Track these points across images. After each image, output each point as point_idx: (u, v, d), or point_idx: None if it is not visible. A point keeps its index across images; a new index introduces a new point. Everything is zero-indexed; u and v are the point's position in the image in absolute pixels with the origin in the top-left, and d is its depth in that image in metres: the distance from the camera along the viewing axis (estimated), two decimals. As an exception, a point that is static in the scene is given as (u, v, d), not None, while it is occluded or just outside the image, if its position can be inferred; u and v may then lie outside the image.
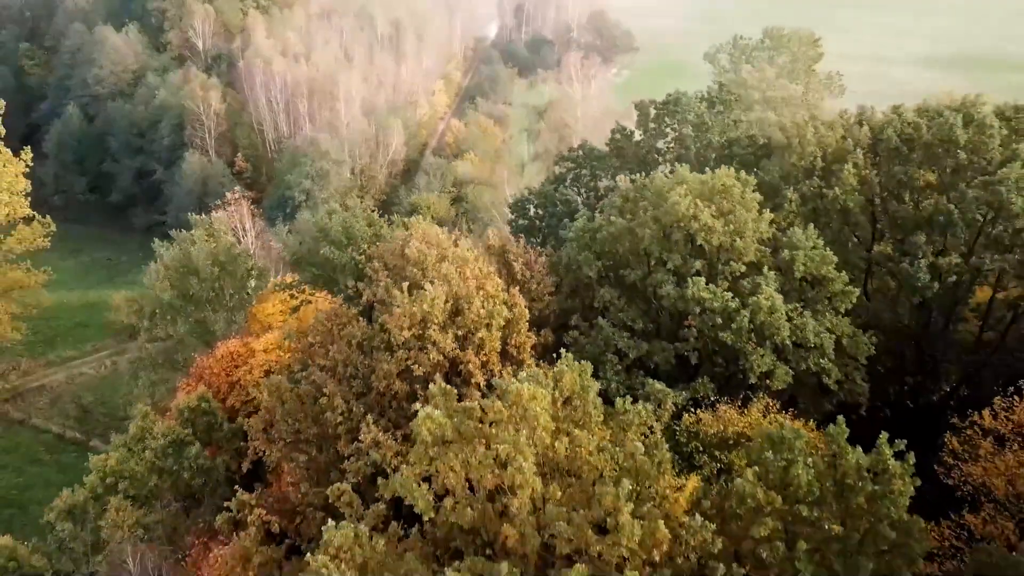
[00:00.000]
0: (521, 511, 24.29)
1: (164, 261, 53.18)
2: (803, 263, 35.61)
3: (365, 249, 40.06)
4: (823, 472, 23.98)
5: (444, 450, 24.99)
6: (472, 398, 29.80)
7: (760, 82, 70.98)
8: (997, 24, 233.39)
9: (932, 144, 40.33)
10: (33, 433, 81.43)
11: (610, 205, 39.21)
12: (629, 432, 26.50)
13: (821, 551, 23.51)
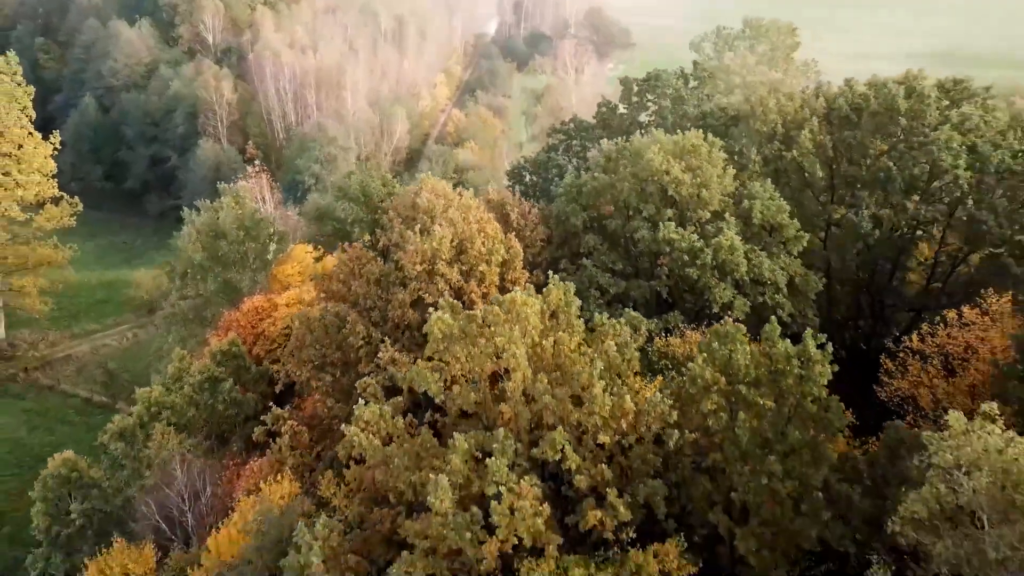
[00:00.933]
0: (515, 392, 29.92)
1: (195, 225, 58.70)
2: (760, 211, 41.22)
3: (379, 204, 45.65)
4: (759, 360, 29.59)
5: (451, 345, 30.59)
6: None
7: (741, 68, 76.58)
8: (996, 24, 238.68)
9: (878, 112, 45.94)
10: (62, 398, 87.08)
11: (594, 164, 44.85)
12: (605, 340, 32.04)
13: (757, 422, 29.10)
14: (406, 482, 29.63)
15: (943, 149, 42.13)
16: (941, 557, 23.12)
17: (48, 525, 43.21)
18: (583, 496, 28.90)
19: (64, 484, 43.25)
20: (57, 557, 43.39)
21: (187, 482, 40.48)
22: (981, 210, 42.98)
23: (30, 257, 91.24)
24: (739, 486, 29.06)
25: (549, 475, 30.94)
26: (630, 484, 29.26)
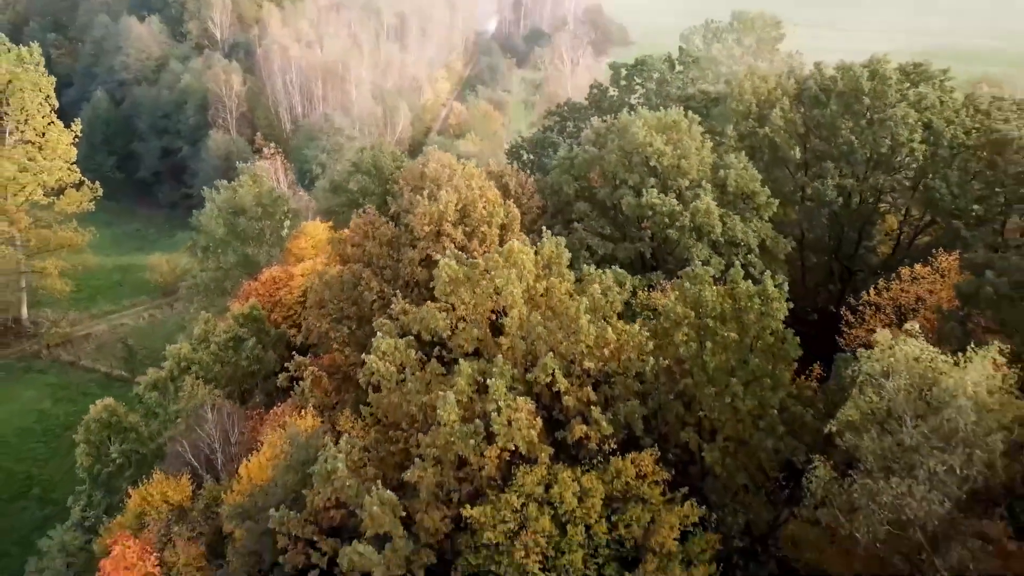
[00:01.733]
0: (512, 327, 34.43)
1: (217, 202, 63.22)
2: (735, 180, 45.71)
3: (390, 176, 50.14)
4: (725, 298, 34.07)
5: (457, 288, 35.09)
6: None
7: (727, 59, 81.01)
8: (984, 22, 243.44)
9: (845, 92, 50.44)
10: (83, 372, 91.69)
11: (586, 140, 49.35)
12: (592, 285, 36.53)
13: (722, 351, 33.58)
14: (418, 404, 34.14)
15: (900, 124, 46.67)
16: (868, 450, 27.60)
17: (90, 464, 47.72)
18: (571, 415, 33.41)
19: (105, 428, 47.75)
20: (98, 494, 47.90)
21: (217, 424, 44.94)
22: (935, 180, 47.50)
23: (52, 240, 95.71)
24: (706, 407, 33.59)
25: (542, 406, 35.42)
26: (612, 406, 33.76)
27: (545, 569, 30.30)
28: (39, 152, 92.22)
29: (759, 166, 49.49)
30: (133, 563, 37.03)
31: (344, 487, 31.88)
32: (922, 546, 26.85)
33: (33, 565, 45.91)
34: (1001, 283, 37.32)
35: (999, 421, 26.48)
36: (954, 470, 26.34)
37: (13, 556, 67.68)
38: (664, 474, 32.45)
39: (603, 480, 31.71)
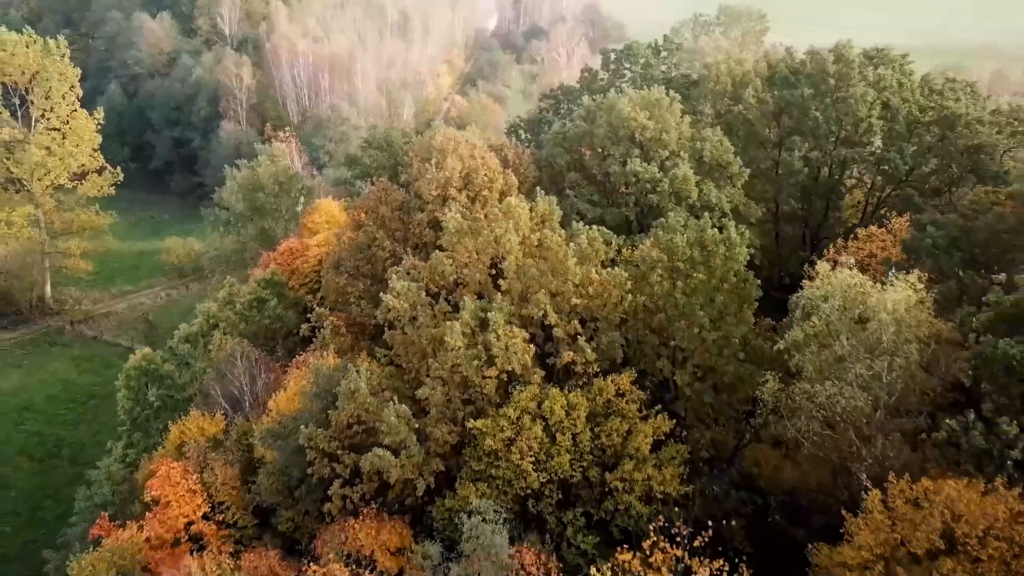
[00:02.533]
0: (509, 270, 39.68)
1: (238, 179, 68.46)
2: (710, 151, 50.94)
3: (399, 151, 55.37)
4: (694, 243, 39.31)
5: (462, 238, 40.34)
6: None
7: (714, 50, 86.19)
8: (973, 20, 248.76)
9: (812, 74, 55.71)
10: (105, 346, 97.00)
11: (577, 116, 54.59)
12: (579, 236, 41.75)
13: (692, 290, 38.81)
14: (427, 337, 39.37)
15: (859, 102, 51.93)
16: (808, 362, 32.87)
17: (130, 408, 52.94)
18: (560, 345, 38.64)
19: (143, 375, 52.97)
20: (137, 435, 53.11)
21: (245, 370, 50.21)
22: (892, 153, 52.77)
23: (74, 222, 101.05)
24: (678, 339, 38.85)
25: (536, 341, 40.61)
26: (595, 338, 39.00)
27: (537, 470, 35.53)
28: (64, 139, 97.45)
29: (735, 142, 54.72)
30: (177, 481, 42.20)
31: (365, 402, 37.13)
32: (852, 441, 32.09)
33: (82, 494, 50.95)
34: (939, 236, 42.61)
35: (915, 334, 31.72)
36: (879, 376, 31.59)
37: (47, 509, 73.12)
38: (640, 394, 37.68)
39: (587, 397, 36.95)
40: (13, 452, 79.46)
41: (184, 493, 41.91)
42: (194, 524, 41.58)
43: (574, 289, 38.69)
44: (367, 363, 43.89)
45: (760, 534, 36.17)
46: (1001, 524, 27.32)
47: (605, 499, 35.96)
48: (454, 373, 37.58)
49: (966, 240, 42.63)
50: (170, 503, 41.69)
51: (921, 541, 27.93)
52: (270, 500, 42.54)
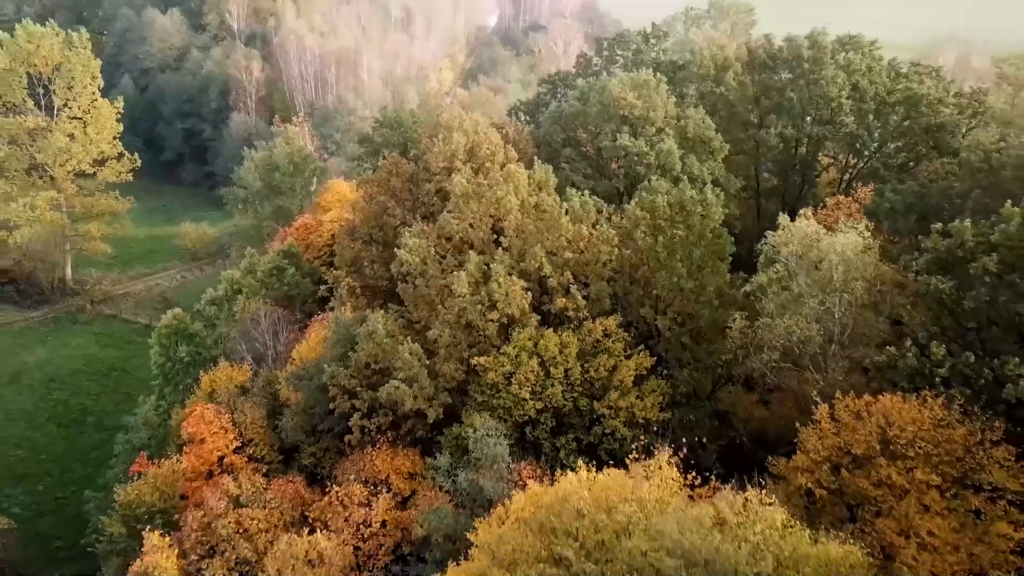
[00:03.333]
0: (509, 228, 44.49)
1: (255, 160, 73.28)
2: (693, 128, 55.74)
3: (408, 129, 60.16)
4: (674, 203, 44.10)
5: (467, 200, 45.14)
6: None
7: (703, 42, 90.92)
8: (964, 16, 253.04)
9: (789, 59, 60.50)
10: (125, 324, 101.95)
11: (572, 97, 59.40)
12: (572, 199, 46.55)
13: (672, 245, 43.58)
14: (436, 288, 44.17)
15: (830, 84, 56.73)
16: (770, 300, 37.66)
17: (163, 363, 57.76)
18: (554, 293, 43.45)
19: (174, 334, 57.79)
20: (168, 389, 57.93)
21: (269, 326, 55.05)
22: (860, 130, 57.58)
23: (94, 206, 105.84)
24: (659, 288, 43.66)
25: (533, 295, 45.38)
26: (585, 287, 43.82)
27: (533, 399, 40.33)
28: (85, 127, 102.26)
29: (717, 122, 59.47)
30: (210, 420, 46.97)
31: (382, 342, 41.96)
32: (807, 369, 36.90)
33: (120, 439, 55.75)
34: (897, 201, 47.45)
35: (862, 275, 36.53)
36: (831, 311, 36.40)
37: (75, 470, 78.00)
38: (624, 335, 42.48)
39: (578, 337, 41.76)
40: (42, 419, 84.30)
41: (217, 430, 46.69)
42: (226, 457, 46.33)
43: (567, 244, 43.53)
44: (382, 314, 48.70)
45: (731, 458, 40.92)
46: (927, 428, 32.10)
47: (594, 426, 40.74)
48: (460, 317, 42.39)
49: (920, 204, 47.42)
50: (204, 439, 46.46)
51: (861, 445, 32.70)
52: (294, 438, 47.39)
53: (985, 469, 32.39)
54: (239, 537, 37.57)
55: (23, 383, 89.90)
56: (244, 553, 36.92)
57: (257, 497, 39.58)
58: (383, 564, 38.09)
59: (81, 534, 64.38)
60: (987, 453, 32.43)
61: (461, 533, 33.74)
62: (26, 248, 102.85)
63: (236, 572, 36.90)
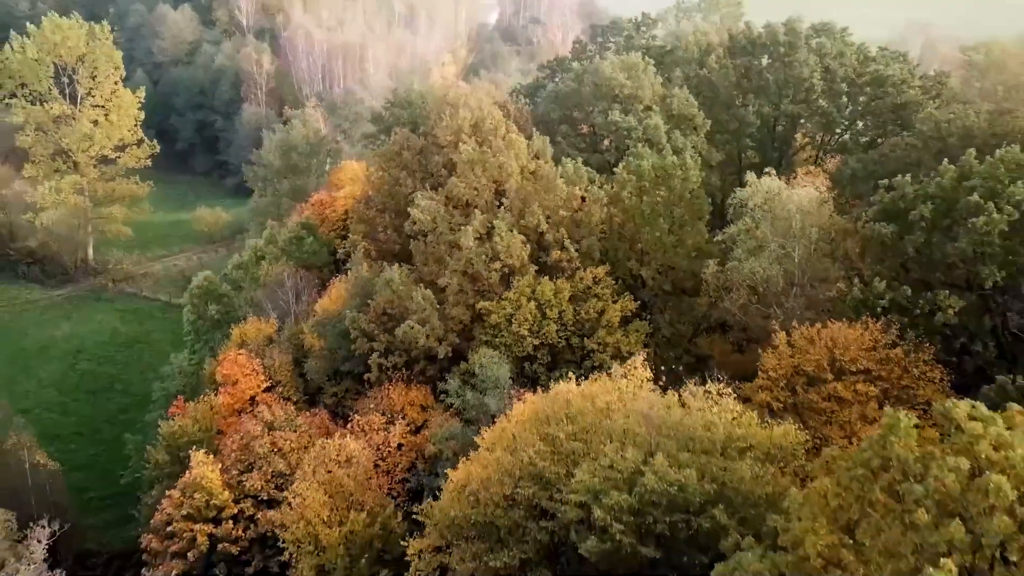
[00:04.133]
0: (510, 190, 49.98)
1: (274, 141, 78.74)
2: (678, 106, 61.21)
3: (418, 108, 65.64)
4: (657, 168, 49.56)
5: (472, 165, 50.62)
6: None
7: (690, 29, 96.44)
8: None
9: (767, 44, 65.99)
10: (146, 302, 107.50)
11: (568, 78, 64.88)
12: (565, 164, 52.03)
13: (657, 204, 49.04)
14: (445, 243, 49.65)
15: (802, 65, 62.21)
16: (738, 246, 43.10)
17: (194, 320, 63.26)
18: (550, 247, 48.96)
19: (205, 294, 63.28)
20: (199, 345, 63.43)
21: (292, 286, 60.52)
22: (831, 107, 63.07)
23: (116, 190, 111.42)
24: (643, 243, 49.15)
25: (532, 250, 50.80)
26: (578, 241, 49.30)
27: (531, 336, 45.81)
28: (107, 114, 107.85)
29: (701, 102, 64.94)
30: (243, 364, 52.48)
31: (398, 289, 47.47)
32: (771, 305, 42.38)
33: (157, 387, 61.25)
34: (858, 168, 52.81)
35: (817, 223, 42.02)
36: (790, 254, 41.89)
37: (105, 431, 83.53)
38: (611, 282, 47.97)
39: (571, 284, 47.26)
40: (71, 386, 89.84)
41: (248, 373, 52.20)
42: (256, 397, 51.81)
43: (562, 204, 49.04)
44: (398, 266, 54.19)
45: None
46: (868, 348, 37.60)
47: (584, 360, 46.20)
48: (467, 268, 47.91)
49: (879, 171, 52.64)
50: (237, 381, 51.96)
51: (812, 364, 38.17)
52: (318, 380, 52.92)
53: (919, 385, 37.92)
54: (274, 454, 43.03)
55: (51, 354, 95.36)
56: (279, 467, 42.38)
57: (288, 423, 45.06)
58: (400, 479, 43.52)
59: (112, 487, 70.19)
60: (920, 371, 37.96)
61: (469, 447, 39.18)
62: (51, 229, 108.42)
63: (272, 483, 42.34)
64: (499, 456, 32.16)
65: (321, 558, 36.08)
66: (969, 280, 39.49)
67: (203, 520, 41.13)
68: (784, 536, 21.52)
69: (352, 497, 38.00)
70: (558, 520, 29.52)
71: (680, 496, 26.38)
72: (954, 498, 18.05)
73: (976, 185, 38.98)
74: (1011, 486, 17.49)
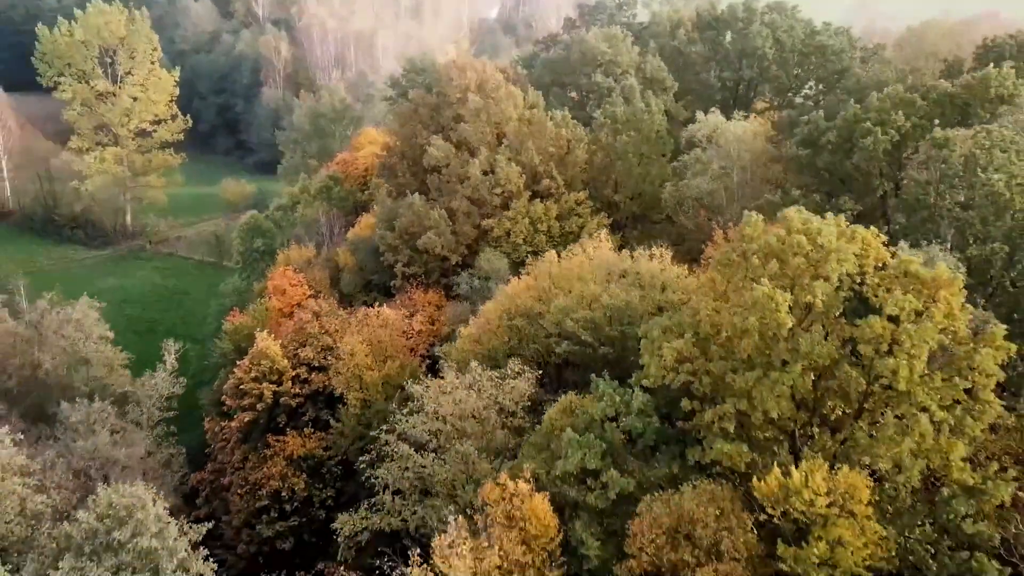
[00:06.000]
0: (509, 133, 61.49)
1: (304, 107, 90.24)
2: (650, 70, 72.68)
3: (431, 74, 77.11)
4: (628, 114, 60.93)
5: (478, 113, 62.13)
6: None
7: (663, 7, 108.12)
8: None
9: (728, 20, 77.46)
10: (181, 260, 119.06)
11: (558, 48, 76.44)
12: (553, 112, 63.54)
13: (628, 143, 60.47)
14: (456, 175, 61.11)
15: (755, 37, 73.74)
16: (689, 169, 54.59)
17: (243, 251, 74.74)
18: (542, 177, 60.45)
19: (251, 229, 74.78)
20: (245, 273, 74.94)
21: (326, 222, 72.05)
22: (780, 72, 74.57)
23: (152, 161, 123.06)
24: (617, 174, 60.62)
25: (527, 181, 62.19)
26: (564, 172, 60.79)
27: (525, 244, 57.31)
28: (146, 91, 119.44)
29: (672, 69, 76.39)
30: (290, 277, 63.94)
31: (419, 210, 58.94)
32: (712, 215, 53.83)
33: (214, 304, 72.70)
34: (794, 115, 64.33)
35: (750, 148, 53.48)
36: (728, 173, 53.33)
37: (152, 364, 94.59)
38: (591, 204, 59.44)
39: (557, 205, 58.73)
40: (120, 328, 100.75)
41: (295, 284, 63.68)
42: (301, 302, 63.26)
43: (551, 143, 60.54)
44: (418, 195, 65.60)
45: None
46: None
47: (568, 264, 57.62)
48: (473, 193, 59.37)
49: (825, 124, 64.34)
50: (285, 290, 63.44)
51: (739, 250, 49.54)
52: (351, 291, 64.36)
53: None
54: (322, 333, 54.48)
55: (101, 301, 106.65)
56: (326, 342, 53.78)
57: (332, 312, 56.51)
58: (420, 354, 54.95)
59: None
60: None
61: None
62: (94, 196, 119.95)
63: (321, 355, 53.77)
64: (497, 308, 43.63)
65: (364, 394, 47.48)
66: (866, 188, 50.97)
67: (267, 381, 52.54)
68: (685, 308, 32.86)
69: (387, 351, 49.39)
70: (540, 343, 40.96)
71: (627, 311, 37.75)
72: (775, 251, 29.64)
73: (871, 116, 50.50)
74: (807, 242, 29.19)
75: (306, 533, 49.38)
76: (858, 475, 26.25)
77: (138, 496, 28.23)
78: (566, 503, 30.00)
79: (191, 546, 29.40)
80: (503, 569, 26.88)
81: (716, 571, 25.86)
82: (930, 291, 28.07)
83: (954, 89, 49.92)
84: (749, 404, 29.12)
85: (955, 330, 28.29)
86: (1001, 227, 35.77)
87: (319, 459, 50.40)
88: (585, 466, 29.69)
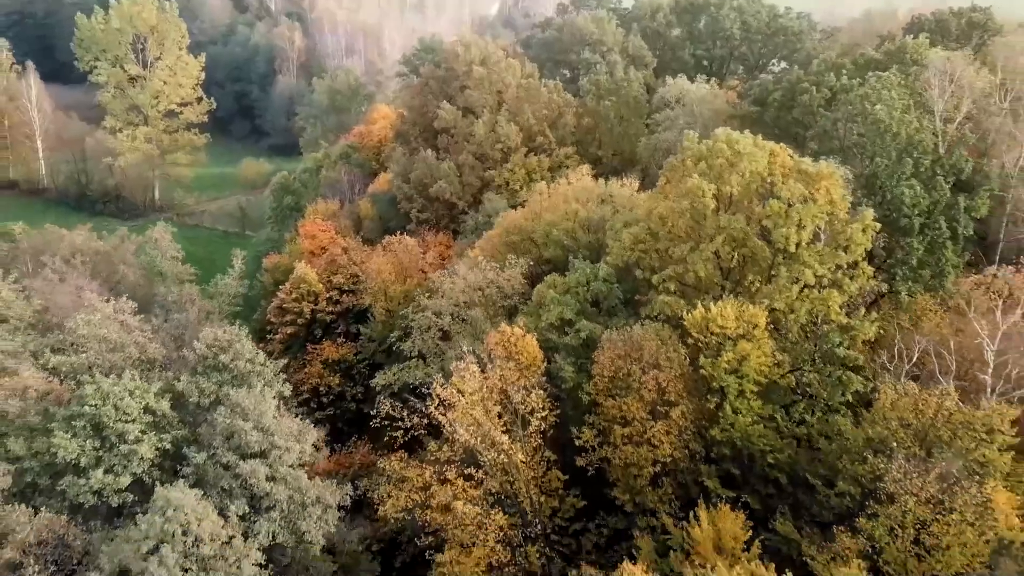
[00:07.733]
0: (508, 98, 71.79)
1: (323, 85, 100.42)
2: (632, 48, 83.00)
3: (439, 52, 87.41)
4: (609, 81, 71.18)
5: (481, 82, 72.41)
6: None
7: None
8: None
9: (701, 5, 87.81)
10: (207, 231, 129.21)
11: (552, 29, 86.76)
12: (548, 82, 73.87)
13: (608, 106, 70.70)
14: (463, 134, 71.34)
15: (724, 19, 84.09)
16: (659, 125, 64.88)
17: (275, 207, 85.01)
18: (536, 135, 70.73)
19: (282, 187, 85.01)
20: (277, 226, 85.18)
21: (348, 180, 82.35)
22: (747, 50, 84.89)
23: (179, 140, 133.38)
24: (601, 134, 70.90)
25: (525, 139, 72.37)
26: (556, 130, 71.07)
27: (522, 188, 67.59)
28: (174, 75, 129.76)
29: (652, 47, 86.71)
30: (319, 223, 74.18)
31: (431, 164, 69.21)
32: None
33: (251, 248, 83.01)
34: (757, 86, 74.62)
35: (710, 107, 63.73)
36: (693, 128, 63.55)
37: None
38: (578, 158, 69.70)
39: (550, 158, 68.99)
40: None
41: (323, 229, 73.95)
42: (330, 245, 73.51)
43: (545, 107, 70.82)
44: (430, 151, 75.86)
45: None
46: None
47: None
48: (477, 149, 69.65)
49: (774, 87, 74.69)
50: (315, 235, 73.72)
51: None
52: (371, 237, 74.56)
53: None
54: (351, 264, 64.74)
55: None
56: (354, 271, 64.04)
57: (358, 246, 66.79)
58: (434, 281, 65.10)
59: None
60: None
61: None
62: (125, 172, 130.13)
63: (351, 280, 63.98)
64: (498, 230, 53.87)
65: (388, 304, 57.75)
66: (803, 136, 61.08)
67: (306, 301, 62.78)
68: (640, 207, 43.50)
69: (407, 271, 59.67)
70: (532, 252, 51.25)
71: (601, 223, 47.98)
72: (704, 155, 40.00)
73: (809, 79, 60.78)
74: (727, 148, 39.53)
75: (340, 422, 59.53)
76: (758, 309, 36.53)
77: (235, 332, 38.38)
78: (550, 346, 40.19)
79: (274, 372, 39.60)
80: (503, 379, 37.10)
81: (656, 379, 36.09)
82: (815, 182, 38.35)
83: (877, 55, 60.28)
84: (685, 269, 39.40)
85: (836, 213, 38.58)
86: (883, 146, 45.96)
87: (350, 363, 60.60)
88: (563, 317, 39.91)
